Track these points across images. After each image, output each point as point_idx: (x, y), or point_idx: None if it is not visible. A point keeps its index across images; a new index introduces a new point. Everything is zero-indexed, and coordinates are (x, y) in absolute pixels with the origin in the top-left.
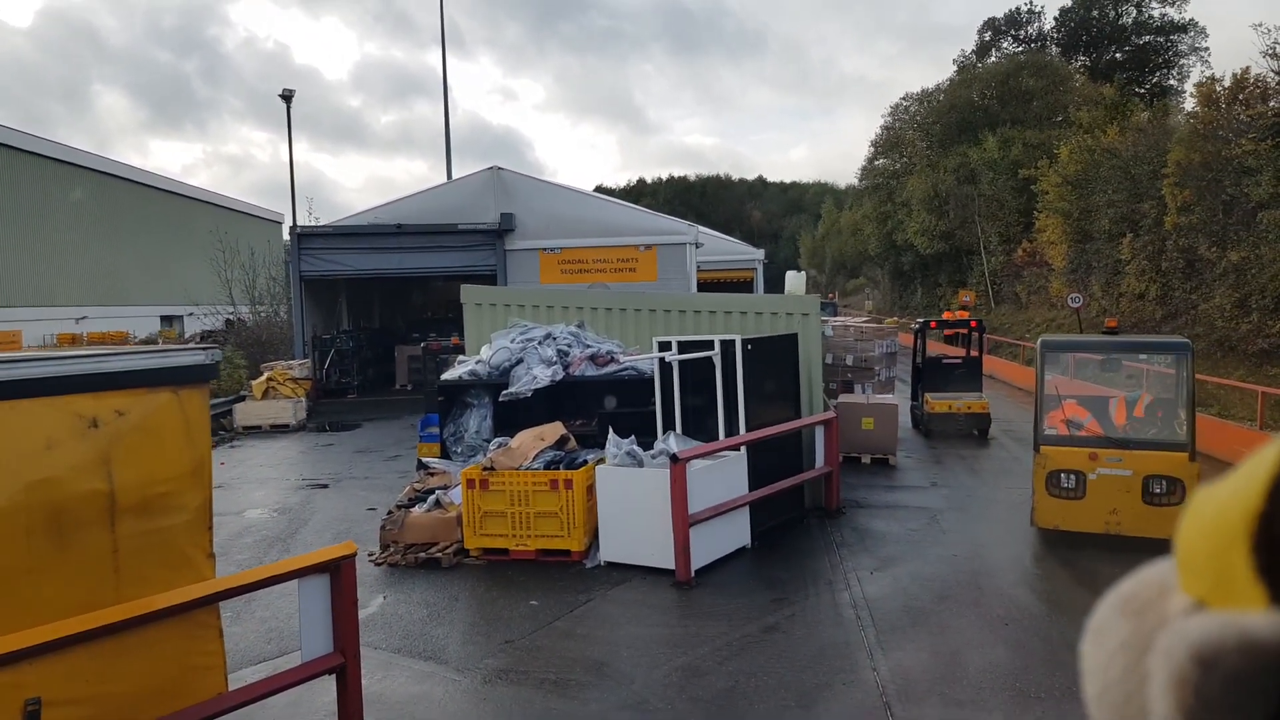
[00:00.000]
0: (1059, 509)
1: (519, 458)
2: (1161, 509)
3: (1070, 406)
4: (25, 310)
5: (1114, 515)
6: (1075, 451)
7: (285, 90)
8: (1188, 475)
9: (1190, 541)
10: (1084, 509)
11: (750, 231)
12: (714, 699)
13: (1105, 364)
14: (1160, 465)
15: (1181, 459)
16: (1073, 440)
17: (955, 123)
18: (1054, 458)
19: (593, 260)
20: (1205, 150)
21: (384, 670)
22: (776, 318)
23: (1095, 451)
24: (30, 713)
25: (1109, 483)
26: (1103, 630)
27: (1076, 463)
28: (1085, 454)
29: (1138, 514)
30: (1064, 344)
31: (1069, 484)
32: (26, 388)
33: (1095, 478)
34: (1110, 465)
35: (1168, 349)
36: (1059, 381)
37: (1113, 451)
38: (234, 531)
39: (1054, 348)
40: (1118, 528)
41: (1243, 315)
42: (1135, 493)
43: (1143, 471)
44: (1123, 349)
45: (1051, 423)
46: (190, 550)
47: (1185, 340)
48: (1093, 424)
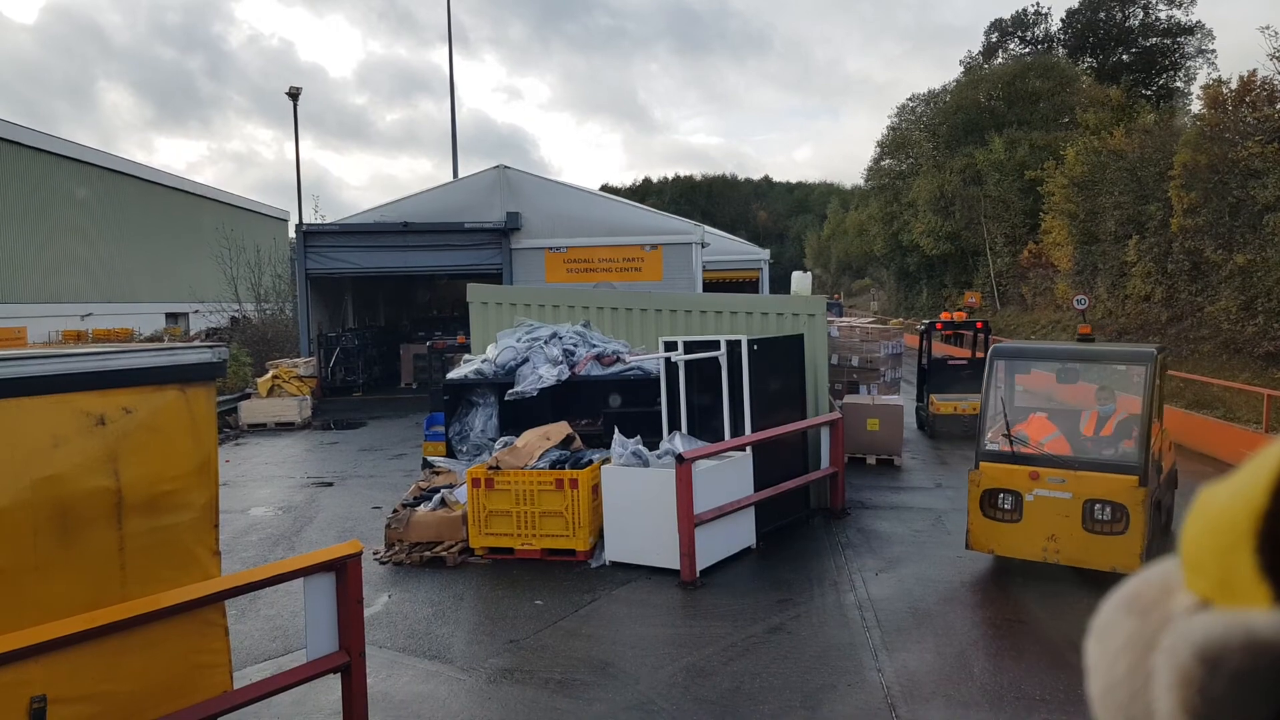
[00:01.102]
0: (994, 532)
1: (524, 457)
2: (1103, 538)
3: (1037, 421)
4: (30, 307)
5: (1052, 542)
6: (1015, 470)
7: (292, 88)
8: (1133, 501)
9: (1195, 540)
10: (1020, 533)
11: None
12: (719, 699)
13: (1061, 374)
14: (1104, 489)
15: (1128, 483)
16: (1014, 457)
17: (961, 124)
18: (991, 476)
19: (599, 260)
20: (1212, 152)
21: (389, 669)
22: (782, 318)
23: (1037, 471)
24: (36, 710)
25: (1047, 506)
26: (1107, 629)
27: (1015, 482)
28: (1025, 473)
29: (1077, 542)
30: (1017, 351)
31: (1006, 505)
32: (33, 385)
33: (1032, 500)
34: (1051, 486)
35: (1129, 359)
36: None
37: (1056, 471)
38: (239, 529)
39: (1006, 355)
40: (1055, 556)
41: (1248, 318)
42: (1075, 518)
43: (1084, 495)
44: (1080, 358)
45: (994, 437)
46: (196, 548)
47: (1151, 350)
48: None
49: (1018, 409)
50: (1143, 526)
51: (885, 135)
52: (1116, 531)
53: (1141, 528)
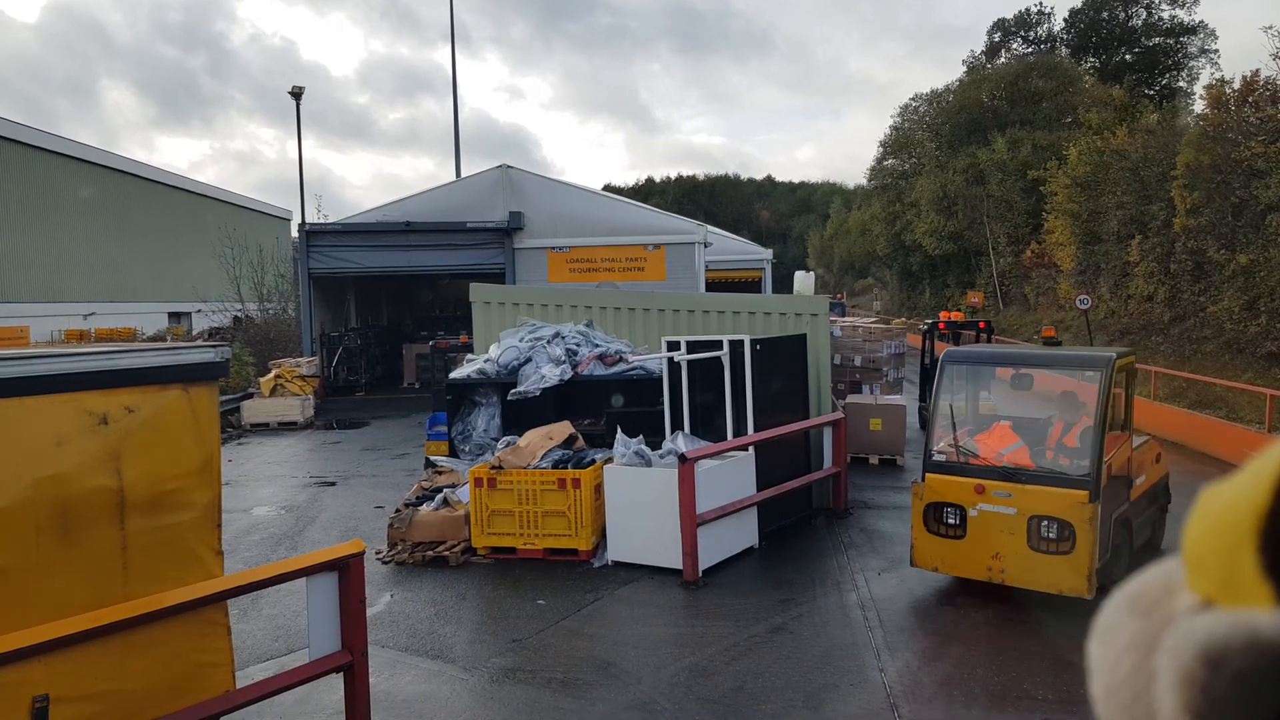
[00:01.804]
0: (938, 549)
1: (527, 457)
2: (1049, 558)
3: (1000, 430)
4: (33, 306)
5: (996, 561)
6: (960, 483)
7: (295, 87)
8: (1080, 518)
9: (1197, 540)
10: (964, 551)
11: (759, 231)
12: (721, 699)
13: (1015, 381)
14: (1050, 504)
15: (1076, 498)
16: (961, 469)
17: (964, 123)
18: (935, 488)
19: (601, 259)
20: (1214, 152)
21: (391, 668)
22: (785, 318)
23: (983, 484)
24: (38, 710)
25: (991, 522)
26: (1110, 629)
27: (960, 496)
28: (971, 486)
29: (1023, 561)
30: (969, 356)
31: (951, 520)
32: (36, 384)
33: (976, 515)
34: (996, 501)
35: (1084, 364)
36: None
37: (1002, 485)
38: (242, 529)
39: (957, 361)
40: (1001, 576)
41: (1251, 318)
42: (1020, 535)
43: (1029, 510)
44: (1034, 364)
45: (941, 447)
46: (199, 548)
47: (1109, 354)
48: (989, 450)
49: (983, 416)
50: (1090, 546)
51: (888, 135)
52: (1063, 551)
53: (1089, 547)
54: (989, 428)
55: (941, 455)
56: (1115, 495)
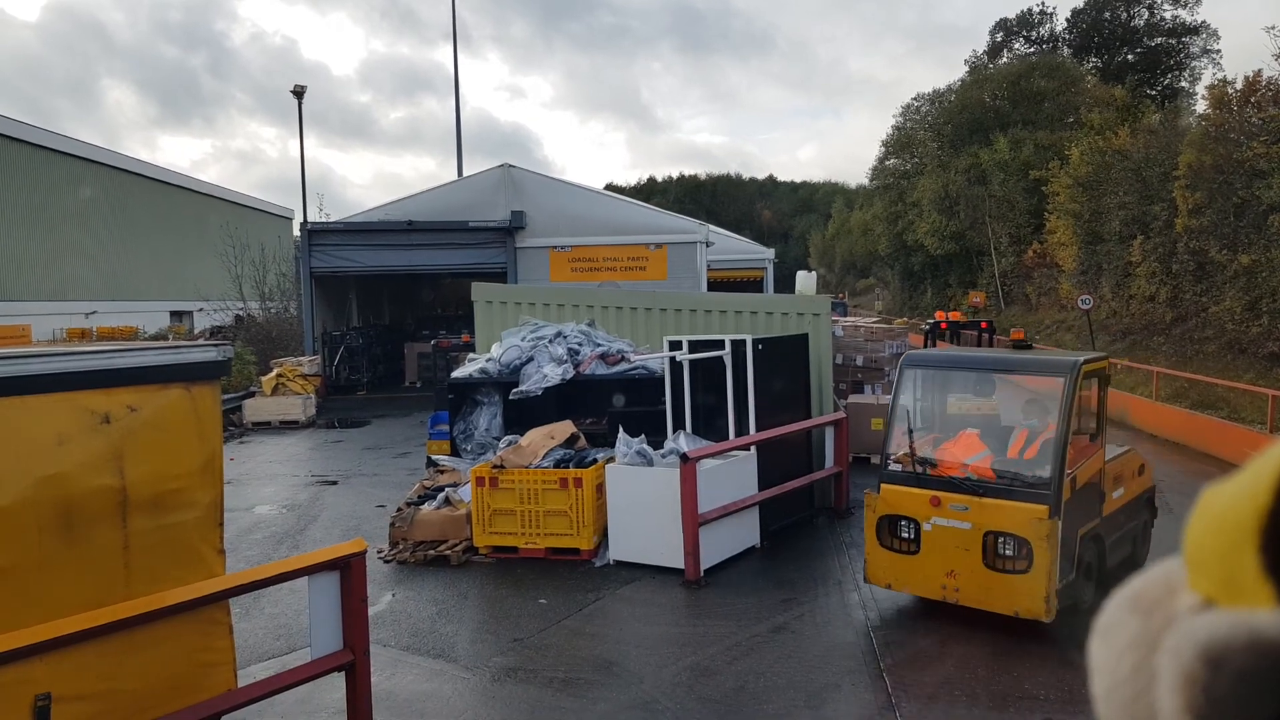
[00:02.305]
0: (891, 565)
1: (529, 456)
2: (1005, 577)
3: (967, 438)
4: (35, 305)
5: (951, 579)
6: (916, 494)
7: (297, 86)
8: (1037, 535)
9: (1198, 539)
10: (918, 567)
11: (760, 231)
12: (723, 698)
13: (976, 386)
14: (1007, 519)
15: (1034, 514)
16: (917, 479)
17: (966, 123)
18: (890, 500)
19: (603, 259)
20: (1216, 153)
21: (393, 667)
22: (787, 318)
23: (939, 495)
24: (40, 708)
25: (946, 537)
26: (1111, 628)
27: (915, 508)
28: (927, 498)
29: (978, 580)
30: (929, 360)
31: (905, 534)
32: (37, 383)
33: (930, 529)
34: (951, 515)
35: (1048, 369)
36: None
37: (959, 497)
38: (244, 528)
39: (917, 364)
40: (955, 595)
41: (1253, 318)
42: (975, 552)
43: (985, 525)
44: (996, 368)
45: (897, 456)
46: (201, 546)
47: (1074, 359)
48: (950, 460)
49: (949, 423)
50: (1049, 565)
51: (890, 135)
52: (1019, 570)
53: (1048, 567)
54: (955, 435)
55: (897, 465)
56: (1082, 510)
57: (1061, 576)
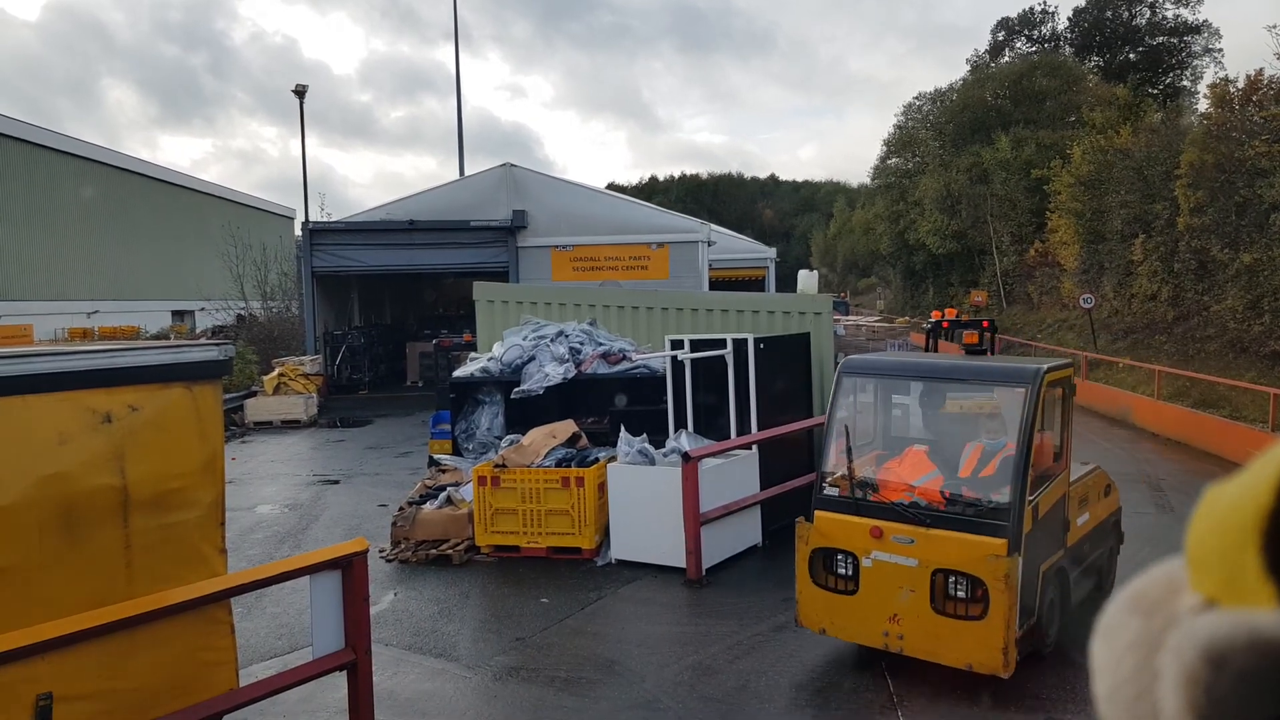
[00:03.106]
0: (826, 606)
1: (531, 455)
2: (957, 623)
3: (914, 456)
4: (36, 304)
5: (894, 624)
6: (854, 524)
7: (298, 86)
8: (994, 575)
9: (1200, 539)
10: (856, 610)
11: (762, 230)
12: (724, 698)
13: (923, 398)
14: (958, 555)
15: (991, 549)
16: (856, 507)
17: (968, 122)
18: (824, 530)
19: (605, 258)
20: (1218, 151)
21: (395, 667)
22: (789, 317)
23: (880, 525)
24: (42, 708)
25: (888, 575)
26: (1113, 629)
27: (853, 540)
28: (867, 528)
29: (924, 626)
30: (870, 368)
31: (843, 570)
32: (39, 382)
33: (870, 565)
34: (894, 549)
35: (1004, 379)
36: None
37: (904, 528)
38: (245, 527)
39: (856, 372)
40: (899, 644)
41: (1255, 317)
42: (922, 593)
43: (934, 562)
44: (945, 377)
45: (833, 479)
46: (203, 546)
47: (1037, 367)
48: (894, 482)
49: (894, 439)
50: (1007, 611)
51: (891, 134)
52: (973, 615)
53: (1005, 612)
54: (900, 453)
55: (833, 489)
56: (1046, 542)
57: (1022, 621)
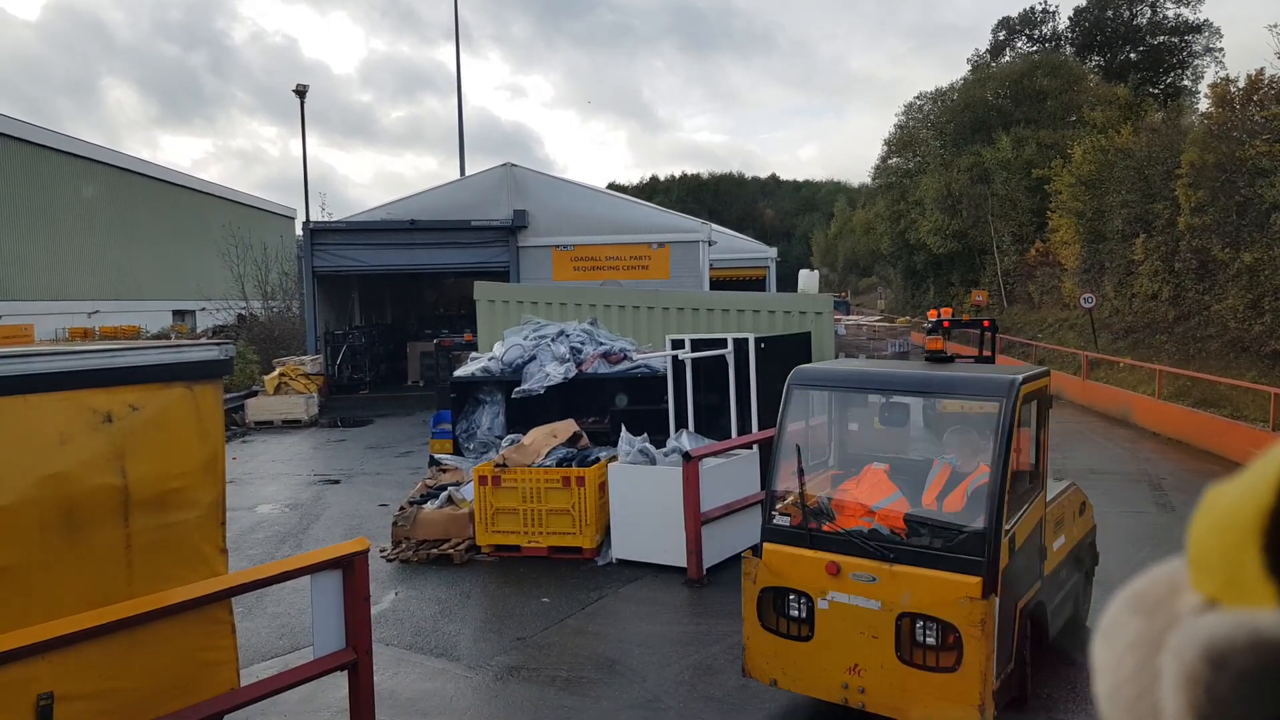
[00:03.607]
0: (777, 654)
1: (531, 455)
2: (924, 675)
3: (873, 476)
4: (37, 304)
5: (855, 676)
6: (808, 558)
7: (299, 85)
8: (967, 621)
9: (1201, 539)
10: (811, 659)
11: (763, 230)
12: (725, 697)
13: (885, 414)
14: (927, 597)
15: (964, 589)
16: (810, 539)
17: (969, 122)
18: (775, 567)
19: (606, 258)
20: (1219, 151)
21: (396, 666)
22: (790, 316)
23: (837, 561)
24: (42, 707)
25: (848, 619)
26: (1114, 629)
27: (806, 578)
28: (822, 564)
29: (890, 679)
30: (822, 378)
31: (795, 612)
32: (39, 382)
33: (827, 608)
34: (854, 588)
35: (978, 390)
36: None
37: (865, 564)
38: (246, 527)
39: (808, 383)
40: (860, 698)
41: (1256, 316)
42: (886, 640)
43: (899, 604)
44: (908, 388)
45: (784, 506)
46: (203, 545)
47: (1011, 378)
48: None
49: (850, 457)
50: (984, 661)
51: (892, 133)
52: (945, 666)
53: (981, 663)
54: (858, 473)
55: (784, 517)
56: (1023, 575)
57: (999, 669)
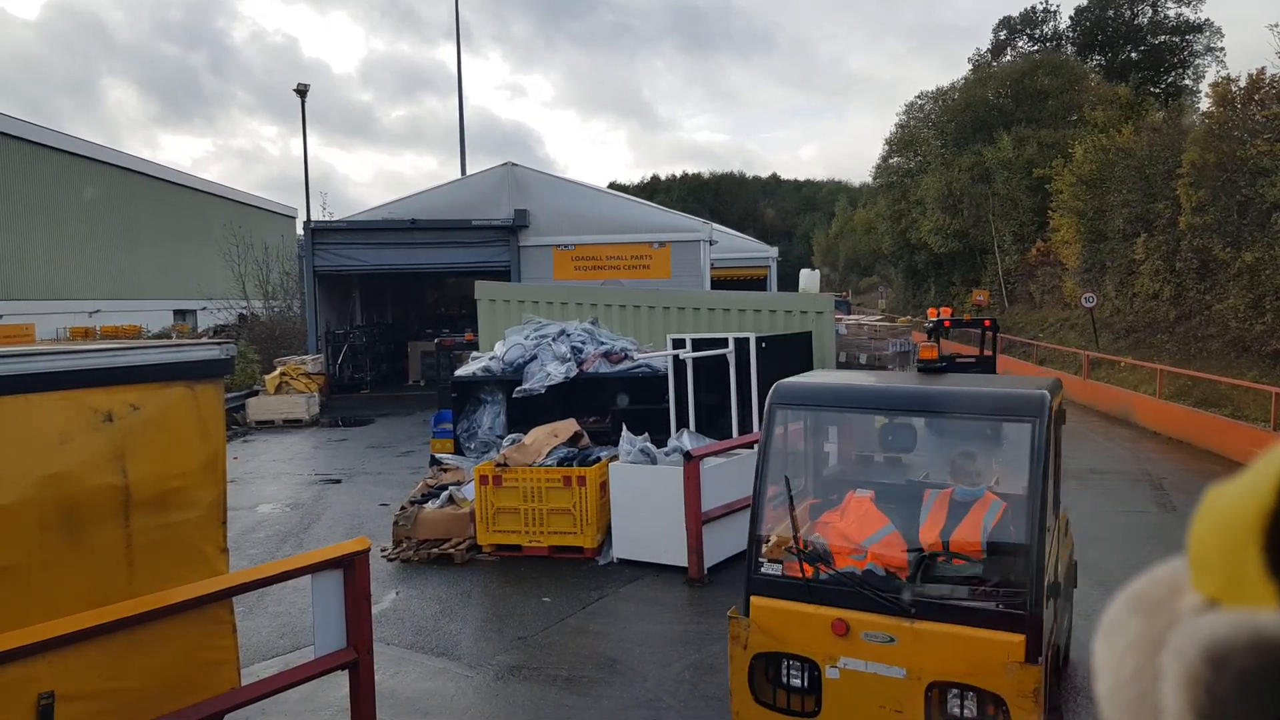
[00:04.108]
0: None
1: (532, 454)
2: None
3: (859, 506)
4: (38, 304)
5: None
6: (810, 615)
7: (300, 85)
8: (1015, 689)
9: (1202, 539)
10: None
11: (764, 229)
12: (726, 696)
13: (888, 437)
14: (963, 661)
15: (1006, 649)
16: (809, 591)
17: (970, 121)
18: (768, 627)
19: (607, 257)
20: (1220, 150)
21: (396, 666)
22: (790, 316)
23: (845, 617)
24: (43, 707)
25: (863, 690)
26: (1114, 628)
27: (809, 640)
28: (827, 621)
29: None
30: (808, 395)
31: (796, 681)
32: (40, 381)
33: (837, 676)
34: (869, 652)
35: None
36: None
37: (879, 620)
38: (247, 526)
39: (791, 402)
40: None
41: (1256, 316)
42: (914, 715)
43: (928, 672)
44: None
45: (773, 550)
46: (204, 545)
47: (1039, 394)
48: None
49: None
50: None
51: (893, 133)
52: None
53: None
54: (842, 499)
55: (774, 565)
56: (1056, 615)
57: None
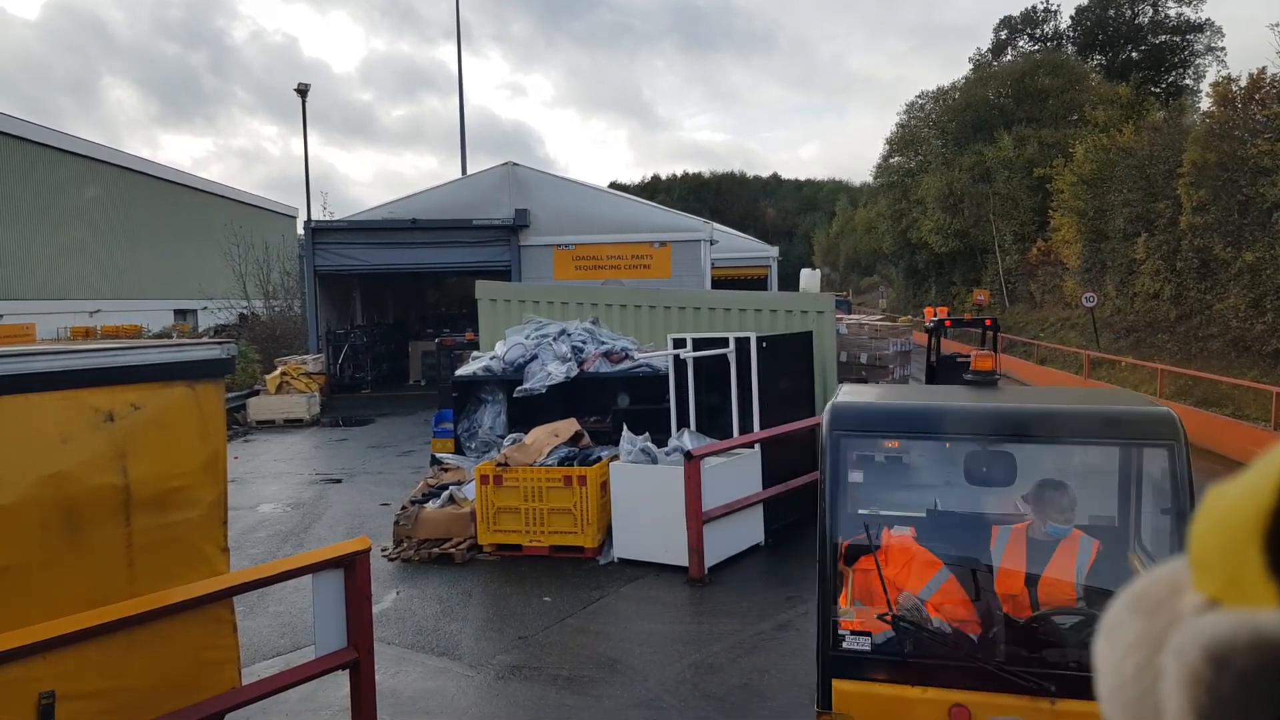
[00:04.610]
0: None
1: (533, 454)
2: None
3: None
4: (38, 303)
5: None
6: (917, 701)
7: (301, 84)
8: None
9: (1203, 539)
10: None
11: (765, 229)
12: (727, 696)
13: (977, 467)
14: None
15: None
16: (906, 668)
17: (971, 121)
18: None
19: (607, 257)
20: (1221, 150)
21: (397, 665)
22: (791, 315)
23: (964, 702)
24: (44, 707)
25: None
26: (1116, 628)
27: None
28: (943, 708)
29: None
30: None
31: None
32: (40, 381)
33: None
34: None
35: (1126, 428)
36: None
37: (1006, 702)
38: (247, 526)
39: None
40: None
41: (1257, 315)
42: None
43: None
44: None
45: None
46: (204, 545)
47: (1162, 410)
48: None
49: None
50: None
51: (894, 133)
52: None
53: None
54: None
55: (861, 637)
56: None
57: None
